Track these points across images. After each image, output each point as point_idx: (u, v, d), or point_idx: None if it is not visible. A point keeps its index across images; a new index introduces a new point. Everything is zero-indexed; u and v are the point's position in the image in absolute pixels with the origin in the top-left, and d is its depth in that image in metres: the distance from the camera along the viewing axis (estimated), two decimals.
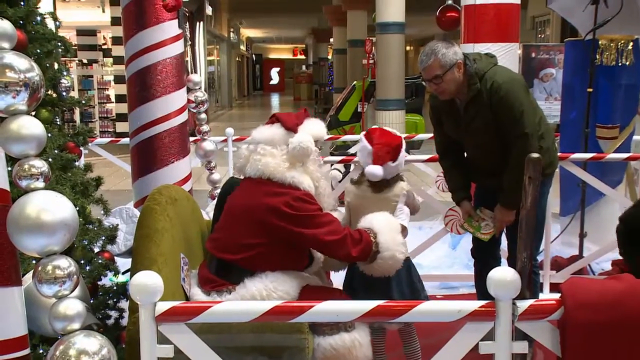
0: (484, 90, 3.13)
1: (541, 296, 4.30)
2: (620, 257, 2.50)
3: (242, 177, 2.87)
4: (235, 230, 2.71)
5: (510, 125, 3.11)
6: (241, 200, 2.77)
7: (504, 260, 3.75)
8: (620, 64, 4.91)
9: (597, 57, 4.86)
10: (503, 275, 1.89)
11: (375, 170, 2.94)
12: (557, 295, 1.96)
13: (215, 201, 3.39)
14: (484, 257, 3.57)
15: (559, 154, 4.54)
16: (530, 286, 3.45)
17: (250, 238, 2.67)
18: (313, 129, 2.85)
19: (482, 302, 1.94)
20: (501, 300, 1.90)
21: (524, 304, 1.93)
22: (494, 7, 5.27)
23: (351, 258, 2.73)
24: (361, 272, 2.86)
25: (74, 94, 12.72)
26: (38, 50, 2.80)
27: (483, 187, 3.54)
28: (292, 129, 2.79)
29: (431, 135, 3.70)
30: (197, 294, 2.69)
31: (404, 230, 2.89)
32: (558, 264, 4.71)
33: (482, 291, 3.64)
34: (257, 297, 2.59)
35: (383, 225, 2.77)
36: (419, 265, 4.97)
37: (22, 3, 2.72)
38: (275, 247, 2.67)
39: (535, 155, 2.07)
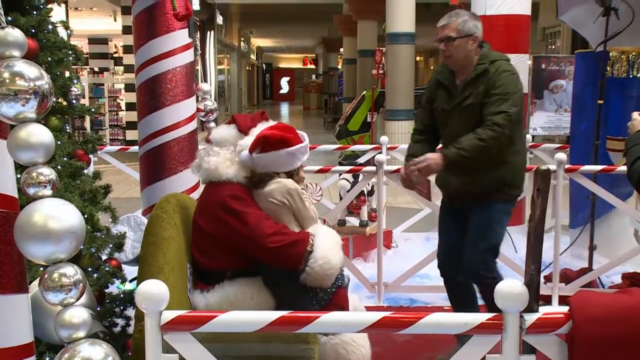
0: (491, 72, 3.19)
1: (549, 309, 4.26)
2: (630, 271, 2.49)
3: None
4: (197, 236, 2.82)
5: (496, 102, 3.13)
6: (199, 203, 2.86)
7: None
8: (631, 76, 4.89)
9: (608, 69, 4.84)
10: (510, 287, 1.87)
11: (242, 155, 2.80)
12: (565, 308, 1.95)
13: None
14: (450, 272, 3.54)
15: (568, 165, 4.55)
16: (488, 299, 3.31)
17: (206, 238, 2.76)
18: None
19: (490, 315, 1.93)
20: (508, 313, 1.89)
21: (531, 317, 1.92)
22: (504, 18, 5.28)
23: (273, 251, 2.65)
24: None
25: (85, 101, 12.80)
26: (49, 59, 2.81)
27: (447, 191, 3.48)
28: (244, 131, 2.86)
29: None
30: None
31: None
32: (567, 277, 4.68)
33: (456, 304, 3.61)
34: (231, 299, 2.68)
35: (324, 230, 2.76)
36: (427, 276, 4.97)
37: (34, 12, 2.74)
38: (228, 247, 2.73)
39: (545, 167, 2.06)
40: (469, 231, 3.38)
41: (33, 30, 2.70)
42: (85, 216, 2.77)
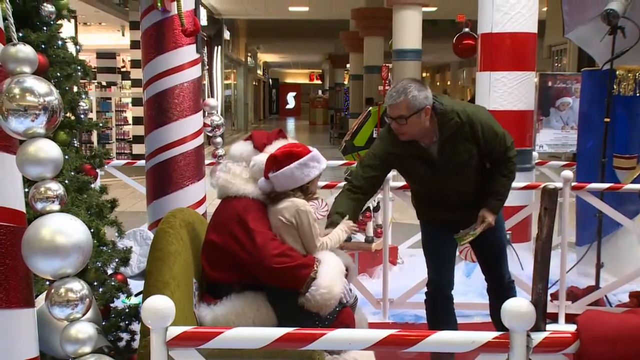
0: (465, 122, 3.13)
1: (556, 327, 4.23)
2: (638, 290, 2.48)
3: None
4: (208, 248, 2.83)
5: (497, 144, 3.21)
6: (214, 217, 2.89)
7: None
8: (638, 94, 4.88)
9: (615, 87, 4.84)
10: (517, 306, 1.86)
11: (259, 182, 2.86)
12: (572, 327, 1.93)
13: None
14: (445, 289, 3.52)
15: (574, 183, 4.54)
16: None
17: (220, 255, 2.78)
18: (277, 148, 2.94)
19: (497, 333, 1.92)
20: (515, 332, 1.87)
21: (538, 336, 1.90)
22: (511, 36, 5.28)
23: (272, 270, 2.67)
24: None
25: (92, 115, 12.88)
26: (58, 74, 2.84)
27: (442, 223, 3.43)
28: (259, 148, 2.93)
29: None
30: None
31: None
32: (574, 295, 4.65)
33: (442, 322, 3.51)
34: (239, 312, 2.69)
35: (332, 259, 2.81)
36: None
37: (44, 28, 2.77)
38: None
39: (551, 185, 2.05)
40: (483, 246, 3.48)
41: (43, 46, 2.72)
42: (92, 230, 2.78)
